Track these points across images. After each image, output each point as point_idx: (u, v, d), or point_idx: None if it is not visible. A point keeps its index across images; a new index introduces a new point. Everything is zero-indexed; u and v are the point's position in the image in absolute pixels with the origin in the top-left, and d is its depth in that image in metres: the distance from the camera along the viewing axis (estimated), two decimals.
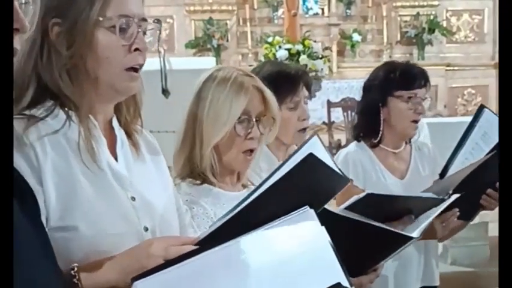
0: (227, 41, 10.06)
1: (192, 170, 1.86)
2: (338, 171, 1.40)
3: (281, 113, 2.22)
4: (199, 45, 9.95)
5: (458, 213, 2.32)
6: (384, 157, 2.62)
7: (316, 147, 1.53)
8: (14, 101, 1.45)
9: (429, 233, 2.27)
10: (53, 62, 1.39)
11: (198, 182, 1.86)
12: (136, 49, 1.41)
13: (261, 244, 1.20)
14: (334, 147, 7.60)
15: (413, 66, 2.63)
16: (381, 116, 2.56)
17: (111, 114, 1.49)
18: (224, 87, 1.82)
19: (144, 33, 1.43)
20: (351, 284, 1.14)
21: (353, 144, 2.67)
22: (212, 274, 1.19)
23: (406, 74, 2.56)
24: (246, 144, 1.86)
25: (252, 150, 1.87)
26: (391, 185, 2.58)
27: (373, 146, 2.62)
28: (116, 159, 1.45)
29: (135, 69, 1.43)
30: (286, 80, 2.32)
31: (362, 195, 2.02)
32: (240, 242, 1.21)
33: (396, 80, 2.55)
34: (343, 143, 7.59)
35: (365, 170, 2.58)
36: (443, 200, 2.17)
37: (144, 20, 1.43)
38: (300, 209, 1.25)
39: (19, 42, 0.98)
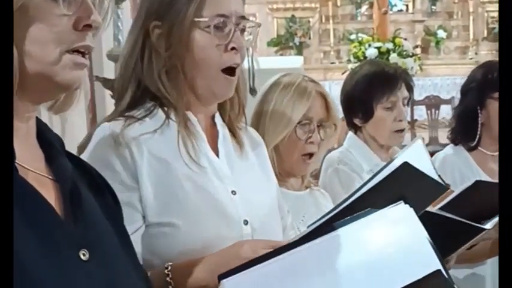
0: (309, 38, 10.07)
1: None
2: (436, 177, 1.37)
3: (376, 112, 2.26)
4: (281, 43, 9.99)
5: None
6: (482, 160, 2.52)
7: (419, 152, 1.50)
8: (115, 103, 1.49)
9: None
10: (153, 63, 1.41)
11: None
12: (232, 48, 1.39)
13: (353, 239, 1.15)
14: None
15: None
16: (479, 120, 2.47)
17: (214, 111, 1.49)
18: (288, 91, 1.89)
19: (243, 31, 1.42)
20: (449, 277, 1.08)
21: (450, 147, 2.58)
22: (303, 272, 1.13)
23: None
24: (305, 147, 1.91)
25: (311, 155, 1.92)
26: None
27: (471, 149, 2.53)
28: (217, 154, 1.45)
29: (232, 70, 1.41)
30: (384, 79, 2.29)
31: (470, 183, 1.96)
32: (331, 238, 1.16)
33: (495, 81, 2.42)
34: (426, 141, 7.46)
35: (462, 175, 2.47)
36: None
37: (243, 17, 1.41)
38: (394, 204, 1.18)
39: (92, 40, 0.95)
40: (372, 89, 2.03)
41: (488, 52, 9.88)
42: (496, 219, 1.90)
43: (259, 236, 1.42)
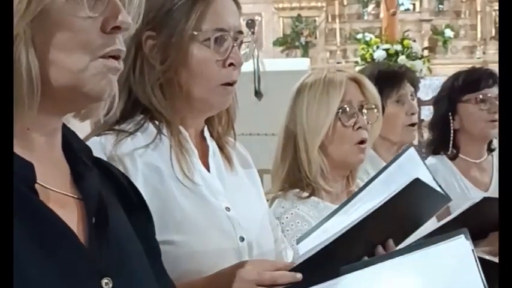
0: (315, 38, 10.02)
1: (298, 179, 1.81)
2: (439, 189, 1.35)
3: (387, 108, 2.24)
4: (287, 43, 9.95)
5: None
6: (465, 169, 2.57)
7: (414, 161, 1.48)
8: (104, 116, 1.46)
9: None
10: (145, 76, 1.36)
11: (306, 194, 1.81)
12: (230, 64, 1.37)
13: (410, 271, 1.11)
14: (423, 146, 7.43)
15: (478, 69, 2.67)
16: (451, 127, 2.55)
17: (203, 125, 1.46)
18: (317, 87, 1.81)
19: (240, 45, 1.40)
20: None
21: (431, 158, 2.62)
22: None
23: (469, 77, 2.58)
24: (356, 135, 1.81)
25: (363, 142, 1.82)
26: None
27: (452, 158, 2.58)
28: (208, 169, 1.42)
29: (229, 84, 1.38)
30: (389, 76, 2.31)
31: (477, 199, 1.90)
32: (372, 271, 1.12)
33: (461, 85, 2.56)
34: None
35: (447, 184, 2.46)
36: None
37: (241, 32, 1.39)
38: (454, 236, 1.14)
39: (122, 43, 0.88)
40: (380, 87, 2.02)
41: (495, 51, 9.79)
42: None
43: (255, 252, 1.39)
